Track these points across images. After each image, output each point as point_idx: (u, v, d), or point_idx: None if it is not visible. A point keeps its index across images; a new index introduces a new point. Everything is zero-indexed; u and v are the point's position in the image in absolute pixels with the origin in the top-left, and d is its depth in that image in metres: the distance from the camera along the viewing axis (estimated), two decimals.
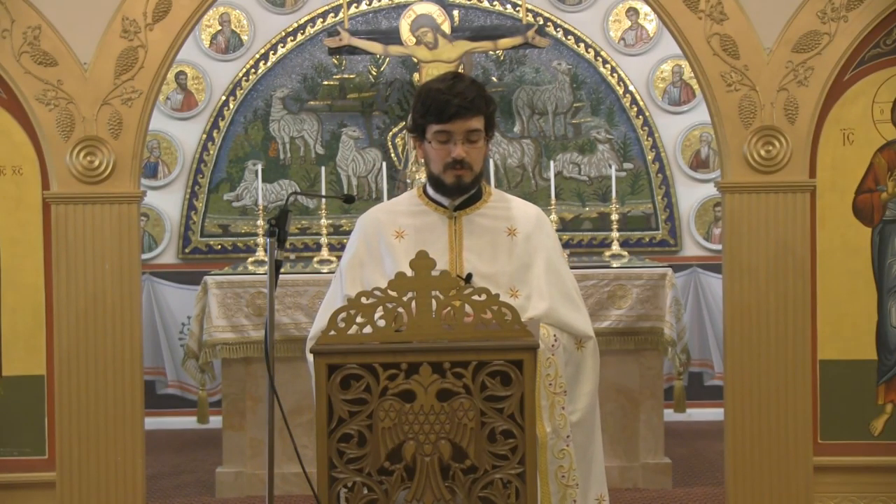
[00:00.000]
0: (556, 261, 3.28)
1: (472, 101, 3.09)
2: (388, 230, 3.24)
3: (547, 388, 3.09)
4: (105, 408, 4.83)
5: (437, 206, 3.24)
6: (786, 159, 4.83)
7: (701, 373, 7.80)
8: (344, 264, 3.28)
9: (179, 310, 7.79)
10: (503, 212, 3.26)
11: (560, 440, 3.12)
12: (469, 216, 3.23)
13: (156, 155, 7.87)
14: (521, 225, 3.24)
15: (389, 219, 3.27)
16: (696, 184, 7.92)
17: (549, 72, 7.85)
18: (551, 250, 3.27)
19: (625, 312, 5.97)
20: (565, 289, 3.25)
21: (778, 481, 4.83)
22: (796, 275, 4.84)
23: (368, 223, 3.31)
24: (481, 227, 3.22)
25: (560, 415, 3.12)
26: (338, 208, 7.65)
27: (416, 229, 3.21)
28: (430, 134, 3.13)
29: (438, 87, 3.12)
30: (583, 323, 3.24)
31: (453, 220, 3.22)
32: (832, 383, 4.92)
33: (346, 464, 2.66)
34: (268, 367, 3.07)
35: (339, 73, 7.84)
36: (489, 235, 3.21)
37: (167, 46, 4.86)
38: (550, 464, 3.09)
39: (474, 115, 3.10)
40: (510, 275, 3.17)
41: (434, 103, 3.09)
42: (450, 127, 3.09)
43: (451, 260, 3.17)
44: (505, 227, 3.23)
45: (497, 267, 3.17)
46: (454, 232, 3.21)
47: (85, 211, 4.83)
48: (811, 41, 4.81)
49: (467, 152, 3.11)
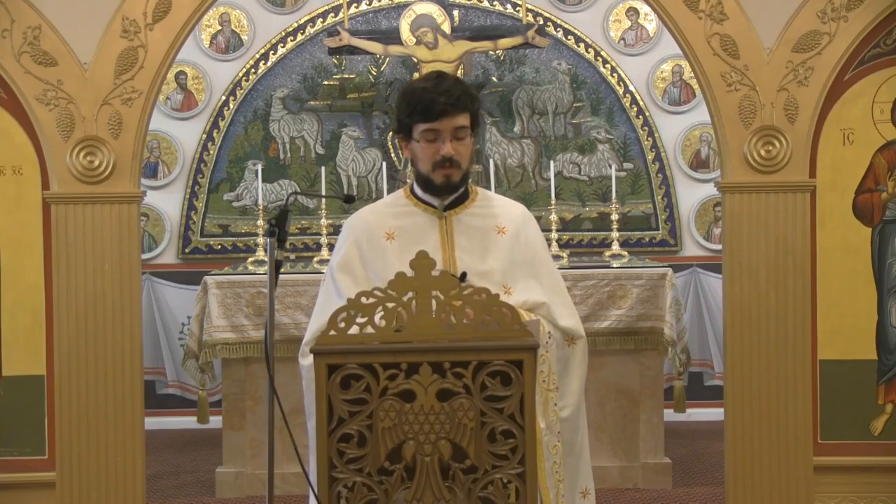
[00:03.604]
0: (546, 258, 3.33)
1: (458, 99, 3.09)
2: (377, 232, 3.23)
3: (541, 385, 3.11)
4: (105, 408, 4.83)
5: (426, 206, 3.25)
6: (786, 159, 4.83)
7: (701, 373, 7.80)
8: (334, 266, 3.26)
9: (179, 310, 7.80)
10: (490, 210, 3.28)
11: (553, 436, 3.15)
12: (458, 216, 3.24)
13: (156, 155, 7.87)
14: (509, 223, 3.27)
15: (378, 220, 3.26)
16: (696, 184, 7.92)
17: (549, 72, 7.85)
18: (539, 247, 3.31)
19: (625, 312, 5.97)
20: (557, 287, 3.29)
21: (778, 481, 4.83)
22: (796, 275, 4.84)
23: (357, 225, 3.29)
24: (471, 226, 3.23)
25: (553, 411, 3.16)
26: (338, 208, 7.65)
27: (406, 230, 3.22)
28: (417, 133, 3.13)
29: (423, 85, 3.13)
30: (574, 321, 3.28)
31: (443, 220, 3.23)
32: (832, 383, 4.93)
33: (346, 464, 2.66)
34: (268, 367, 3.07)
35: (339, 73, 7.84)
36: (479, 234, 3.23)
37: (167, 46, 4.86)
38: (546, 460, 3.12)
39: (460, 112, 3.10)
40: (502, 272, 3.19)
41: (420, 102, 3.09)
42: (437, 125, 3.09)
43: (444, 259, 3.17)
44: (494, 225, 3.25)
45: (489, 265, 3.19)
46: (445, 232, 3.22)
47: (85, 211, 4.83)
48: (811, 41, 4.81)
49: (456, 149, 3.12)
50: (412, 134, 3.15)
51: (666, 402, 6.13)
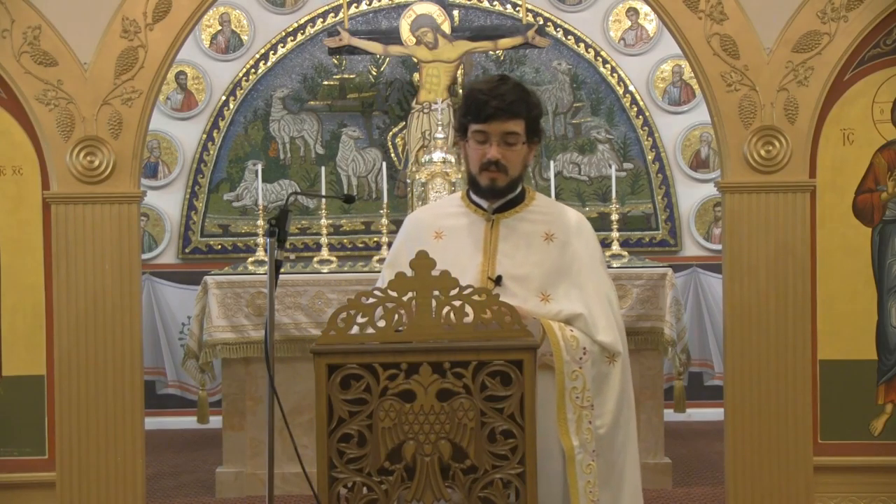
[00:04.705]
0: (595, 268, 3.24)
1: (511, 104, 3.10)
2: (428, 231, 3.26)
3: (574, 401, 3.06)
4: (105, 408, 4.83)
5: (476, 208, 3.26)
6: (786, 159, 4.83)
7: (701, 373, 7.80)
8: (385, 263, 3.36)
9: (179, 310, 7.80)
10: (543, 216, 3.26)
11: (587, 454, 3.08)
12: (507, 220, 3.23)
13: (156, 155, 7.87)
14: (560, 231, 3.23)
15: (431, 219, 3.31)
16: (696, 184, 7.92)
17: (549, 72, 7.85)
18: (589, 257, 3.24)
19: (625, 312, 5.95)
20: (601, 298, 3.20)
21: (778, 481, 4.83)
22: (796, 275, 4.84)
23: (411, 223, 3.37)
24: (518, 230, 3.22)
25: (587, 429, 3.09)
26: (338, 208, 7.65)
27: (454, 231, 3.24)
28: (469, 133, 3.17)
29: (481, 87, 3.16)
30: (613, 337, 3.17)
31: (490, 223, 3.23)
32: (832, 383, 4.92)
33: (346, 464, 2.66)
34: (268, 367, 3.07)
35: (339, 73, 7.84)
36: (525, 239, 3.21)
37: (167, 46, 4.86)
38: (579, 478, 3.06)
39: (512, 118, 3.11)
40: (541, 278, 3.15)
41: (474, 103, 3.13)
42: (486, 127, 3.12)
43: (483, 262, 3.16)
44: (542, 232, 3.22)
45: (528, 269, 3.16)
46: (489, 235, 3.21)
47: (85, 211, 4.83)
48: (811, 41, 4.81)
49: (503, 154, 3.12)
50: (466, 133, 3.18)
51: (666, 402, 6.13)
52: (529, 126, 3.16)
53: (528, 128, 3.16)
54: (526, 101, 3.15)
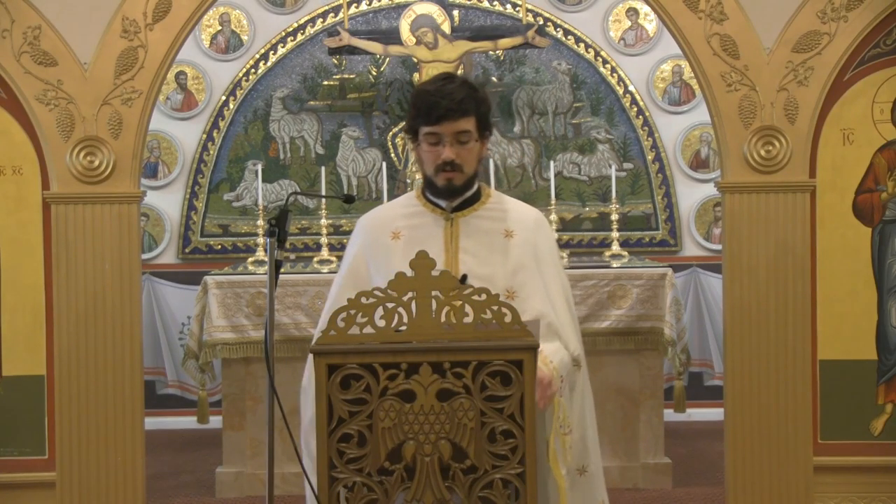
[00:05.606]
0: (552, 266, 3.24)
1: (461, 103, 3.06)
2: (384, 231, 3.23)
3: (558, 431, 3.05)
4: (105, 408, 4.83)
5: (434, 207, 3.23)
6: (786, 159, 4.83)
7: (701, 373, 7.80)
8: (342, 266, 3.30)
9: (179, 310, 7.80)
10: (501, 214, 3.24)
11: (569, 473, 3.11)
12: (466, 218, 3.21)
13: (156, 155, 7.87)
14: (519, 228, 3.22)
15: (387, 220, 3.27)
16: (696, 184, 7.92)
17: (549, 72, 7.85)
18: (550, 255, 3.25)
19: (625, 312, 5.97)
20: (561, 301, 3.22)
21: (778, 481, 4.83)
22: (796, 275, 4.84)
23: (366, 224, 3.32)
24: (478, 228, 3.20)
25: (569, 452, 3.10)
26: (338, 208, 7.65)
27: (412, 230, 3.20)
28: (421, 135, 3.12)
29: (428, 88, 3.11)
30: (580, 346, 3.20)
31: (450, 221, 3.21)
32: (832, 383, 4.92)
33: (346, 464, 2.66)
34: (268, 367, 3.07)
35: (339, 73, 7.84)
36: (485, 237, 3.19)
37: (167, 46, 4.86)
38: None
39: (463, 117, 3.07)
40: (505, 277, 3.15)
41: (424, 105, 3.08)
42: (438, 129, 3.07)
43: (446, 261, 3.15)
44: (502, 229, 3.21)
45: (492, 268, 3.15)
46: (450, 233, 3.20)
47: (85, 211, 4.83)
48: (811, 41, 4.81)
49: (457, 154, 3.09)
50: (418, 136, 3.14)
51: (666, 402, 6.13)
52: (480, 122, 3.13)
53: (479, 124, 3.13)
54: (474, 98, 3.11)
